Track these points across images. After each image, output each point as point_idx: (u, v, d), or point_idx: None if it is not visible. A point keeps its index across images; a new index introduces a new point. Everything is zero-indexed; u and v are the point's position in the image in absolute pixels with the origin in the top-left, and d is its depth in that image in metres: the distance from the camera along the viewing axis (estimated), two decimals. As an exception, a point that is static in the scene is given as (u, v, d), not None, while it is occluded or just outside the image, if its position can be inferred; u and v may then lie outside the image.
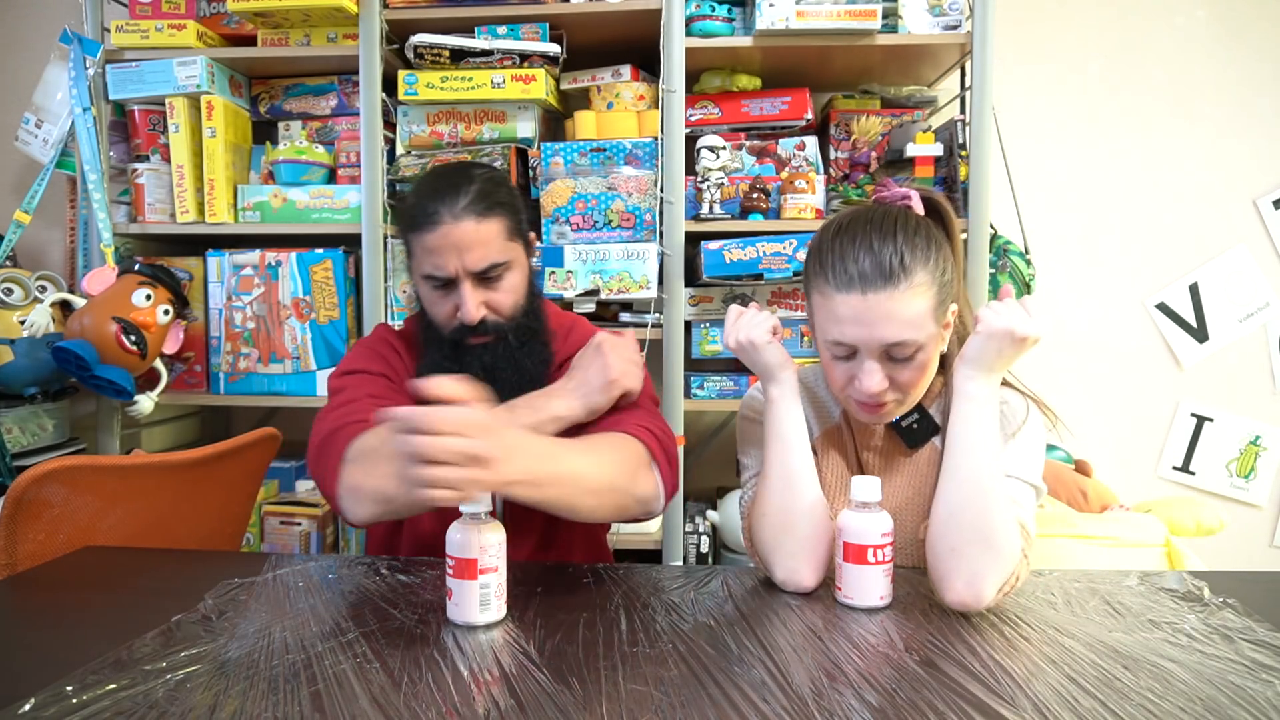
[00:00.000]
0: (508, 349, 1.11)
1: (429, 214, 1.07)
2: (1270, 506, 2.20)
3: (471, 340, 1.10)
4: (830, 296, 0.96)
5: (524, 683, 0.73)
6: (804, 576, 0.98)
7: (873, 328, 0.94)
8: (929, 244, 0.97)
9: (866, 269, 0.94)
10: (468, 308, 1.07)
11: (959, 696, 0.71)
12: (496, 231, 1.09)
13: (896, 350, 0.95)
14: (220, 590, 0.96)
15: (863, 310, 0.94)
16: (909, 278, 0.94)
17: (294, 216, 1.90)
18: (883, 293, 0.93)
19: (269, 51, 1.90)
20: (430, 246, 1.07)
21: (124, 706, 0.69)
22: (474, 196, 1.07)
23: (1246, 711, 0.69)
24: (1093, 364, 2.20)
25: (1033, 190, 2.06)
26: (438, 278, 1.08)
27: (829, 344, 0.99)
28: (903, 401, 1.01)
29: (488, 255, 1.08)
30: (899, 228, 0.97)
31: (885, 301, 0.93)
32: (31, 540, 1.19)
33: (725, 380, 1.87)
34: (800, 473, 1.01)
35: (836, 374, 1.00)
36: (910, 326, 0.94)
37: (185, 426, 2.20)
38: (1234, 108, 2.14)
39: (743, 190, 1.85)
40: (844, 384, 1.00)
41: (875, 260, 0.94)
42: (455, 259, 1.06)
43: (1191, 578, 1.01)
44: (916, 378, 0.98)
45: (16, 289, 1.87)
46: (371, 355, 1.18)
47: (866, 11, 1.73)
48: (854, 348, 0.97)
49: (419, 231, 1.08)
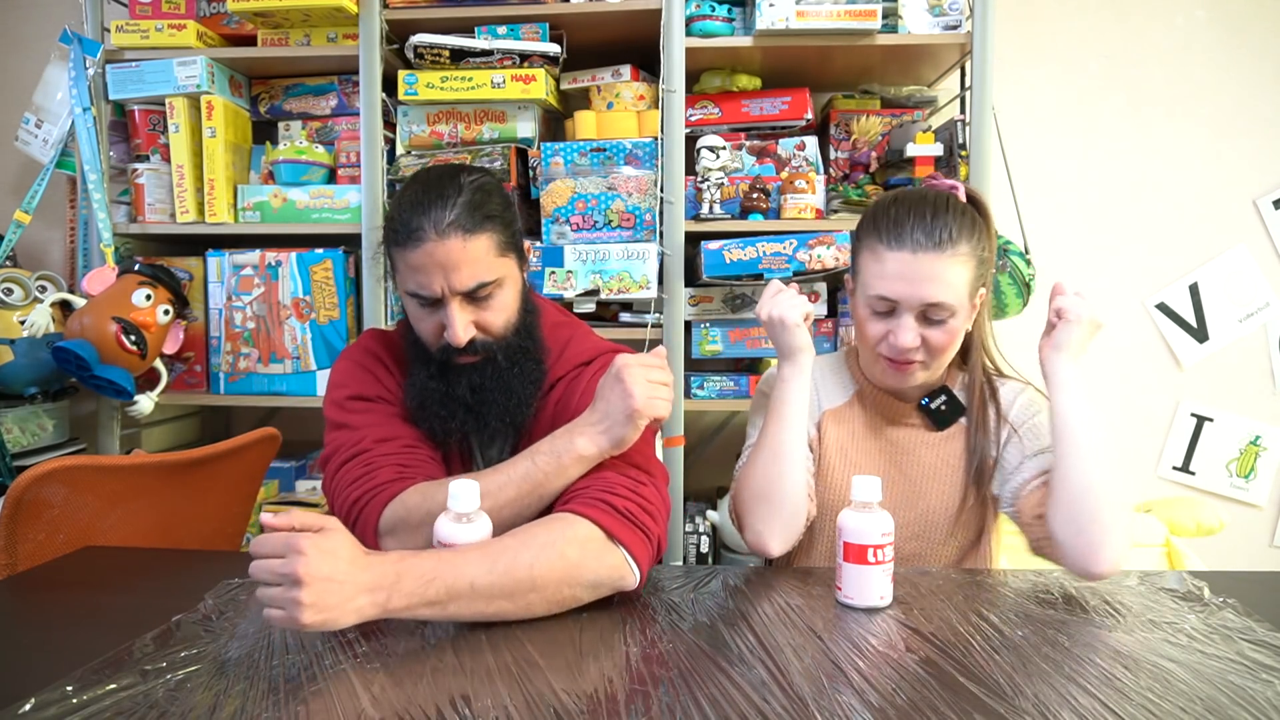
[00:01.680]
0: (497, 370, 1.04)
1: (411, 230, 0.98)
2: (1270, 506, 2.20)
3: (459, 360, 1.03)
4: (881, 254, 1.06)
5: (524, 683, 0.73)
6: (770, 543, 1.06)
7: (917, 285, 1.03)
8: (973, 225, 1.07)
9: (919, 233, 1.04)
10: (454, 329, 0.99)
11: (959, 696, 0.71)
12: (486, 248, 1.00)
13: (933, 311, 1.04)
14: (220, 590, 0.96)
15: (911, 268, 1.03)
16: (955, 247, 1.04)
17: (294, 216, 1.90)
18: (931, 254, 1.03)
19: (269, 51, 1.90)
20: (414, 264, 0.98)
21: (124, 706, 0.69)
22: (461, 210, 0.98)
23: (1246, 711, 0.69)
24: (1093, 364, 2.20)
25: (1033, 190, 2.06)
26: (422, 296, 1.00)
27: (872, 299, 1.07)
28: (928, 366, 1.09)
29: (476, 274, 0.99)
30: (950, 205, 1.07)
31: (932, 262, 1.03)
32: (31, 540, 1.19)
33: (725, 380, 1.87)
34: (790, 451, 1.08)
35: (872, 330, 1.08)
36: (950, 290, 1.03)
37: (185, 426, 2.20)
38: (1234, 108, 2.14)
39: (743, 190, 1.85)
40: (878, 340, 1.08)
41: (927, 226, 1.04)
42: (441, 279, 0.98)
43: (1191, 578, 1.01)
44: (947, 343, 1.06)
45: (16, 289, 1.87)
46: (363, 375, 1.12)
47: (866, 11, 1.73)
48: (895, 304, 1.05)
49: (404, 247, 0.99)
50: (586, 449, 0.95)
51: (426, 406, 1.05)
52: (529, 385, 1.07)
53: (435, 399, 1.04)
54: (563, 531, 0.89)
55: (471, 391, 1.03)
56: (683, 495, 1.83)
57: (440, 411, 1.05)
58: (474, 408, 1.04)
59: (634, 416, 0.94)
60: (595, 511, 0.91)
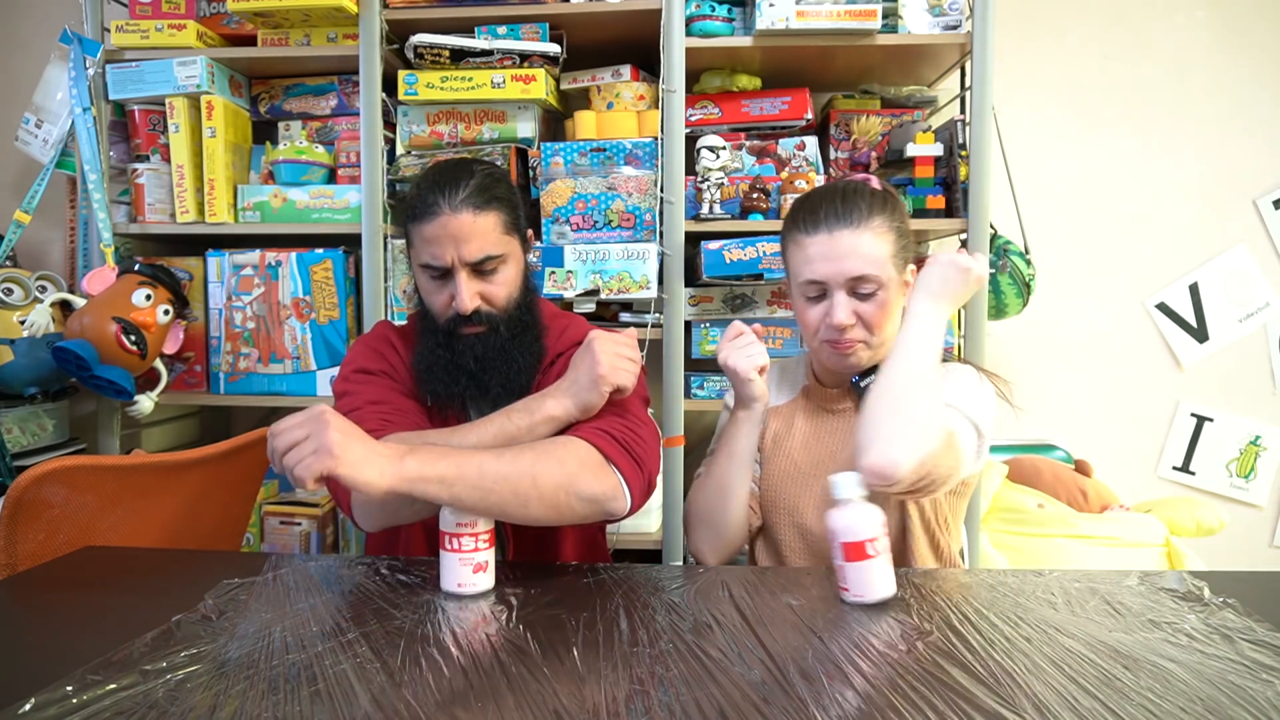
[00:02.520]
0: (499, 340, 1.14)
1: (428, 205, 1.10)
2: (1270, 506, 2.20)
3: (465, 330, 1.13)
4: (802, 242, 1.13)
5: (524, 682, 0.73)
6: (707, 559, 1.20)
7: (839, 262, 1.09)
8: (886, 201, 1.13)
9: (832, 215, 1.10)
10: (462, 297, 1.10)
11: (959, 696, 0.71)
12: (493, 224, 1.12)
13: (861, 285, 1.10)
14: (220, 590, 0.96)
15: (830, 247, 1.10)
16: (869, 220, 1.10)
17: (294, 216, 1.90)
18: (846, 230, 1.09)
19: (269, 51, 1.90)
20: (428, 236, 1.10)
21: (124, 706, 0.69)
22: (473, 190, 1.10)
23: (1246, 711, 0.69)
24: (1093, 364, 2.20)
25: (1033, 190, 2.06)
26: (435, 267, 1.11)
27: (802, 286, 1.14)
28: (869, 344, 1.13)
29: (484, 247, 1.11)
30: (858, 187, 1.14)
31: (849, 237, 1.09)
32: (31, 540, 1.19)
33: (725, 380, 1.87)
34: (734, 486, 1.18)
35: (810, 317, 1.14)
36: (872, 263, 1.09)
37: (185, 426, 2.20)
38: (1234, 108, 2.14)
39: (743, 190, 1.85)
40: (817, 325, 1.13)
41: (839, 208, 1.11)
42: (452, 249, 1.09)
43: (1191, 578, 1.01)
44: (880, 316, 1.11)
45: (16, 289, 1.87)
46: (371, 353, 1.21)
47: (866, 11, 1.73)
48: (824, 285, 1.11)
49: (418, 221, 1.11)
50: (555, 410, 1.05)
51: (433, 372, 1.15)
52: (529, 356, 1.17)
53: (441, 366, 1.14)
54: (565, 446, 1.01)
55: (475, 360, 1.13)
56: (682, 495, 1.83)
57: (444, 377, 1.15)
58: (476, 375, 1.14)
59: (598, 382, 1.03)
60: (594, 437, 1.02)
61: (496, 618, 0.88)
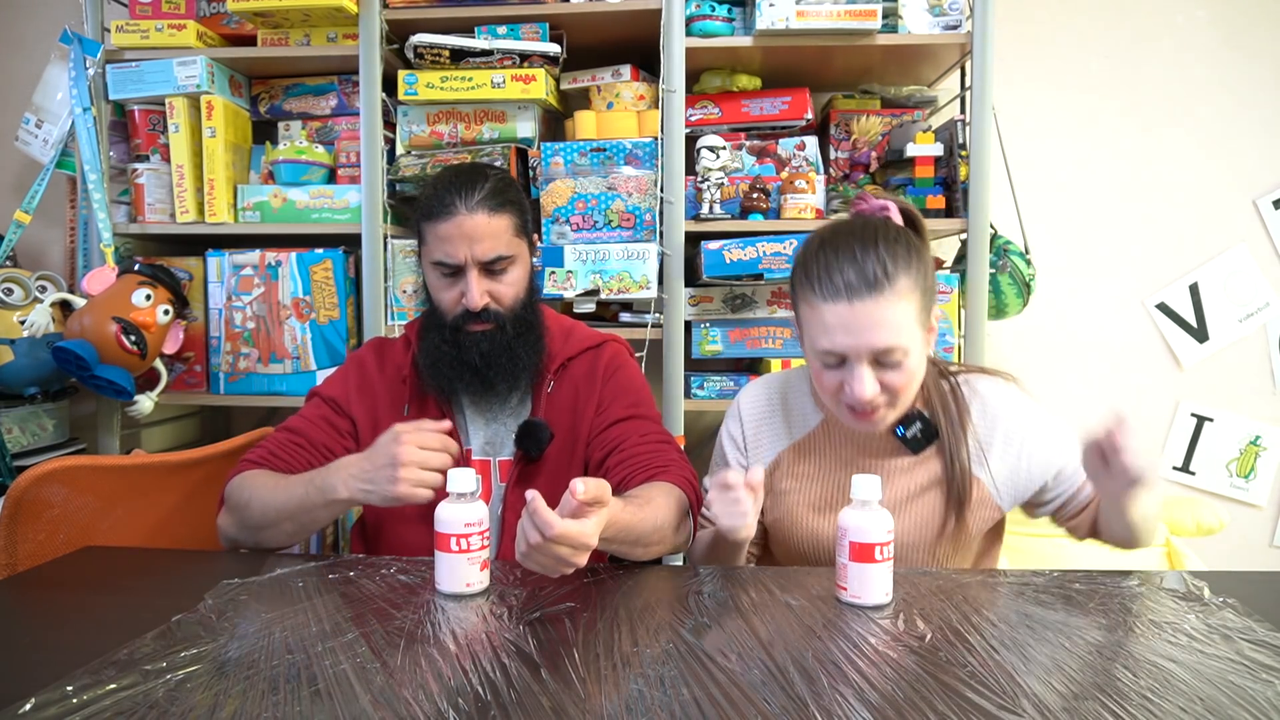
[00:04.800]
0: (504, 339, 1.18)
1: (444, 204, 1.14)
2: (1270, 506, 2.20)
3: (472, 327, 1.17)
4: (818, 307, 1.00)
5: (524, 682, 0.73)
6: None
7: (861, 335, 0.97)
8: (910, 251, 1.01)
9: (852, 278, 0.97)
10: (472, 294, 1.15)
11: (959, 696, 0.71)
12: (505, 226, 1.16)
13: (885, 356, 0.99)
14: (220, 590, 0.96)
15: (850, 318, 0.97)
16: (893, 285, 0.97)
17: (294, 216, 1.90)
18: (869, 300, 0.97)
19: (269, 51, 1.90)
20: (443, 234, 1.14)
21: (124, 706, 0.69)
22: (488, 192, 1.15)
23: (1246, 711, 0.69)
24: (1093, 364, 2.20)
25: (1033, 190, 2.06)
26: (447, 264, 1.15)
27: (819, 353, 1.02)
28: (894, 406, 1.03)
29: (495, 247, 1.15)
30: (880, 237, 1.00)
31: (872, 309, 0.97)
32: (31, 540, 1.19)
33: (725, 380, 1.87)
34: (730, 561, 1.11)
35: (827, 381, 1.03)
36: (897, 332, 0.98)
37: (185, 426, 2.20)
38: (1234, 108, 2.14)
39: (743, 190, 1.85)
40: (835, 391, 1.03)
41: (859, 269, 0.98)
42: (465, 248, 1.14)
43: (1191, 578, 1.01)
44: (907, 382, 1.01)
45: (16, 289, 1.87)
46: (339, 376, 1.28)
47: (866, 11, 1.73)
48: (844, 355, 1.00)
49: (433, 220, 1.15)
50: (339, 493, 1.04)
51: (438, 367, 1.19)
52: (532, 355, 1.21)
53: (447, 361, 1.18)
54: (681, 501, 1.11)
55: (480, 356, 1.17)
56: (683, 495, 1.83)
57: (449, 372, 1.18)
58: (481, 371, 1.17)
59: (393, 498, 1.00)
60: (687, 487, 1.14)
61: (496, 618, 0.88)
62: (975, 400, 1.12)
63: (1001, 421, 1.10)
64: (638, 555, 1.04)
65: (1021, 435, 1.10)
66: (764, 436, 1.19)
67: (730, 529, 0.99)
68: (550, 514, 0.84)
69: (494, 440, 1.24)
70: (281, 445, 1.21)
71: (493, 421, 1.24)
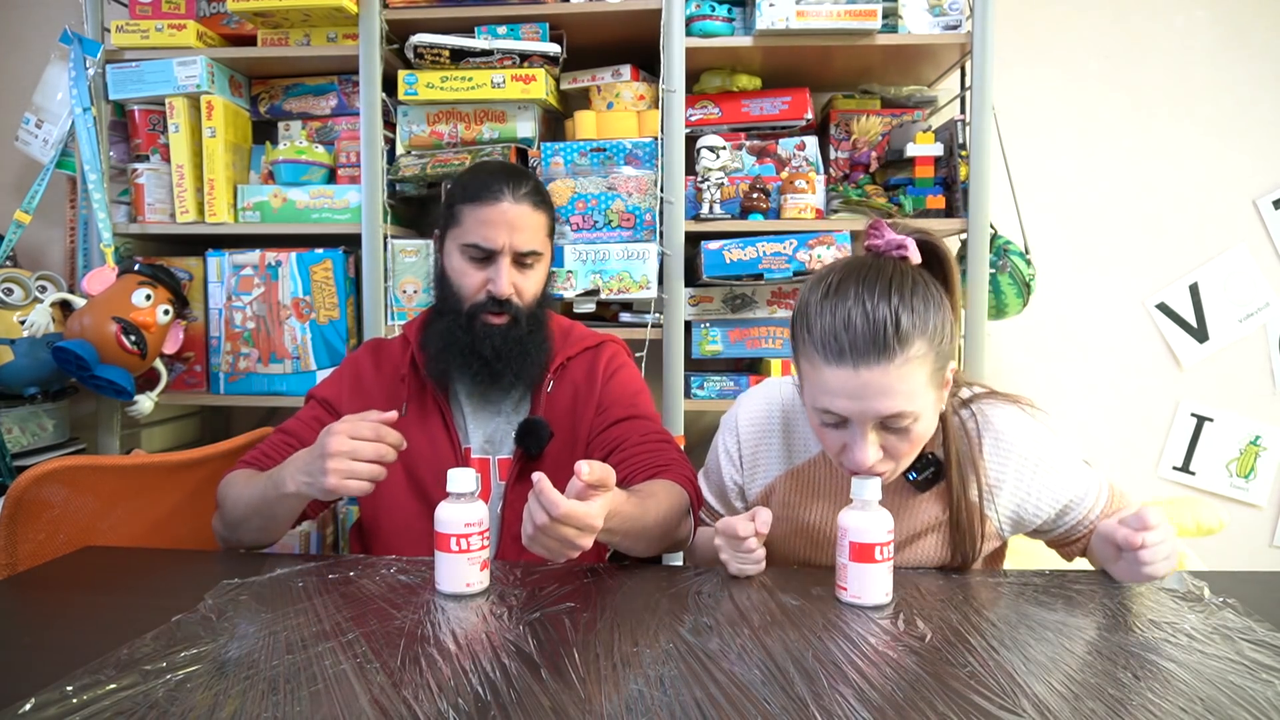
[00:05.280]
0: (518, 333, 1.19)
1: (491, 190, 1.17)
2: (1270, 506, 2.20)
3: (488, 318, 1.18)
4: (819, 368, 0.91)
5: (524, 682, 0.73)
6: None
7: (866, 402, 0.89)
8: (927, 305, 0.90)
9: (859, 341, 0.88)
10: (502, 281, 1.17)
11: (959, 696, 0.71)
12: (543, 223, 1.21)
13: (892, 421, 0.91)
14: (220, 590, 0.96)
15: (855, 385, 0.88)
16: (905, 349, 0.88)
17: (294, 216, 1.90)
18: (876, 367, 0.87)
19: (269, 51, 1.90)
20: (485, 218, 1.16)
21: (124, 706, 0.69)
22: (533, 189, 1.20)
23: (1246, 711, 0.69)
24: (1093, 364, 2.20)
25: (1033, 190, 2.06)
26: (483, 248, 1.17)
27: (818, 412, 0.94)
28: (898, 466, 0.96)
29: (532, 240, 1.19)
30: (893, 290, 0.90)
31: (880, 376, 0.88)
32: (31, 540, 1.19)
33: (725, 380, 1.87)
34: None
35: (828, 441, 0.97)
36: (907, 399, 0.89)
37: (185, 426, 2.20)
38: (1234, 108, 2.14)
39: (743, 190, 1.85)
40: (836, 451, 0.96)
41: (868, 330, 0.88)
42: (506, 234, 1.17)
43: (1191, 578, 1.00)
44: (914, 447, 0.94)
45: (16, 289, 1.87)
46: (335, 377, 1.29)
47: (866, 11, 1.73)
48: (845, 418, 0.92)
49: (477, 203, 1.17)
50: (287, 487, 1.04)
51: (447, 352, 1.20)
52: (541, 353, 1.22)
53: (457, 349, 1.19)
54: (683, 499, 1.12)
55: (492, 348, 1.18)
56: (683, 495, 1.83)
57: (458, 359, 1.19)
58: (491, 362, 1.18)
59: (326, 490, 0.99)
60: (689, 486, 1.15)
61: (496, 618, 0.88)
62: (989, 432, 1.04)
63: (1014, 458, 1.03)
64: (639, 550, 1.05)
65: (1032, 471, 1.03)
66: (761, 457, 1.13)
67: (740, 573, 1.00)
68: (556, 494, 0.85)
69: (493, 439, 1.24)
70: (274, 447, 1.22)
71: (492, 420, 1.24)
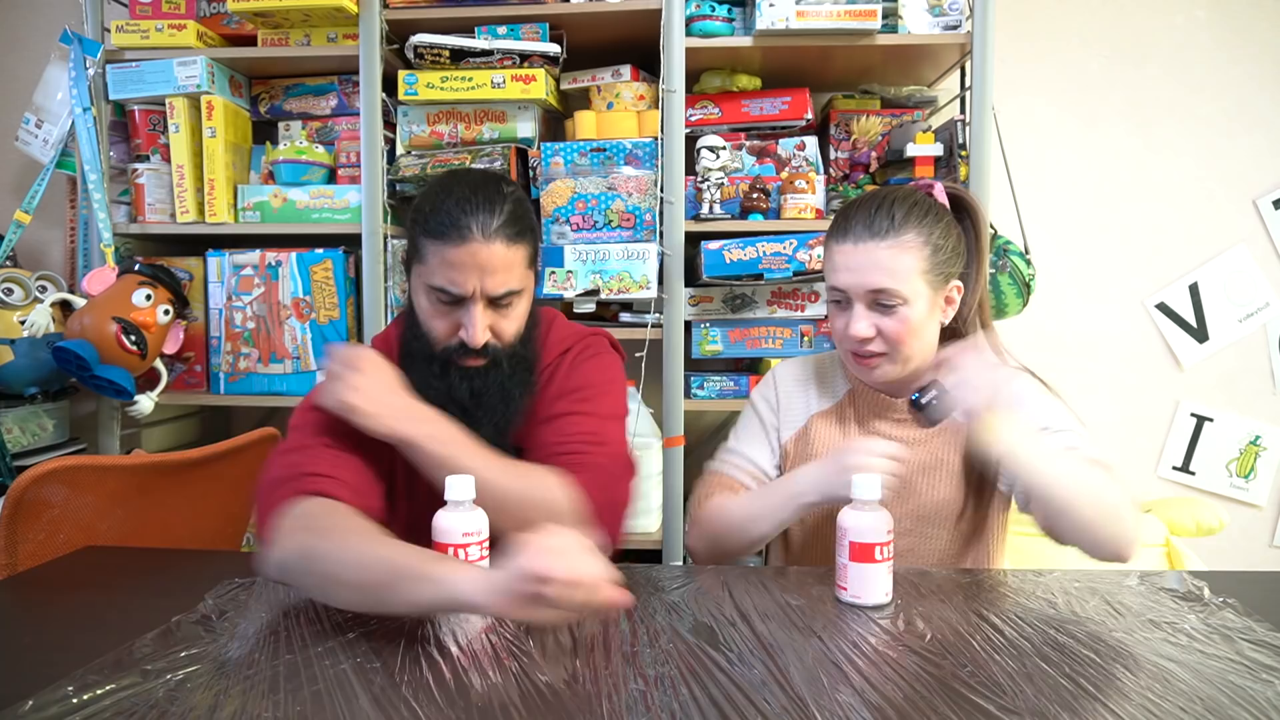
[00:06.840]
0: (499, 375, 1.06)
1: (460, 227, 0.99)
2: (1270, 506, 2.20)
3: (464, 361, 1.04)
4: (831, 249, 1.11)
5: (524, 682, 0.73)
6: (699, 557, 1.17)
7: (860, 274, 1.06)
8: (929, 215, 1.08)
9: (860, 224, 1.07)
10: (475, 330, 1.01)
11: (959, 696, 0.71)
12: (520, 258, 1.03)
13: (882, 298, 1.06)
14: (220, 590, 0.96)
15: (852, 257, 1.07)
16: (897, 234, 1.06)
17: (294, 216, 1.90)
18: (870, 243, 1.06)
19: (269, 51, 1.90)
20: (452, 260, 0.99)
21: (124, 706, 0.69)
22: (508, 218, 1.01)
23: (1246, 711, 0.69)
24: (1093, 364, 2.20)
25: (1033, 190, 2.06)
26: (450, 293, 1.01)
27: (828, 291, 1.12)
28: (893, 359, 1.09)
29: (508, 281, 1.02)
30: (901, 195, 1.09)
31: (872, 251, 1.06)
32: (31, 540, 1.19)
33: (725, 380, 1.87)
34: (758, 541, 1.13)
35: (834, 324, 1.13)
36: (893, 277, 1.05)
37: (185, 426, 2.20)
38: (1234, 108, 2.14)
39: (743, 190, 1.85)
40: (840, 333, 1.12)
41: (869, 218, 1.07)
42: (476, 279, 1.00)
43: (1191, 578, 1.01)
44: (902, 332, 1.07)
45: (16, 289, 1.87)
46: None
47: (866, 11, 1.73)
48: (846, 294, 1.09)
49: (442, 241, 1.00)
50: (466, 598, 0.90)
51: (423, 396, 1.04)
52: (524, 393, 1.09)
53: (434, 397, 1.04)
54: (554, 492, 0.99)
55: (470, 394, 1.05)
56: (681, 495, 1.83)
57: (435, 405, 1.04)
58: (469, 410, 1.05)
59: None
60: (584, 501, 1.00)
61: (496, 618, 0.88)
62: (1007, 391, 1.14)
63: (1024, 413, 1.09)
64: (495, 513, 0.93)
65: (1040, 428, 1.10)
66: (796, 401, 1.24)
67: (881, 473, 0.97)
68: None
69: None
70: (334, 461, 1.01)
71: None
